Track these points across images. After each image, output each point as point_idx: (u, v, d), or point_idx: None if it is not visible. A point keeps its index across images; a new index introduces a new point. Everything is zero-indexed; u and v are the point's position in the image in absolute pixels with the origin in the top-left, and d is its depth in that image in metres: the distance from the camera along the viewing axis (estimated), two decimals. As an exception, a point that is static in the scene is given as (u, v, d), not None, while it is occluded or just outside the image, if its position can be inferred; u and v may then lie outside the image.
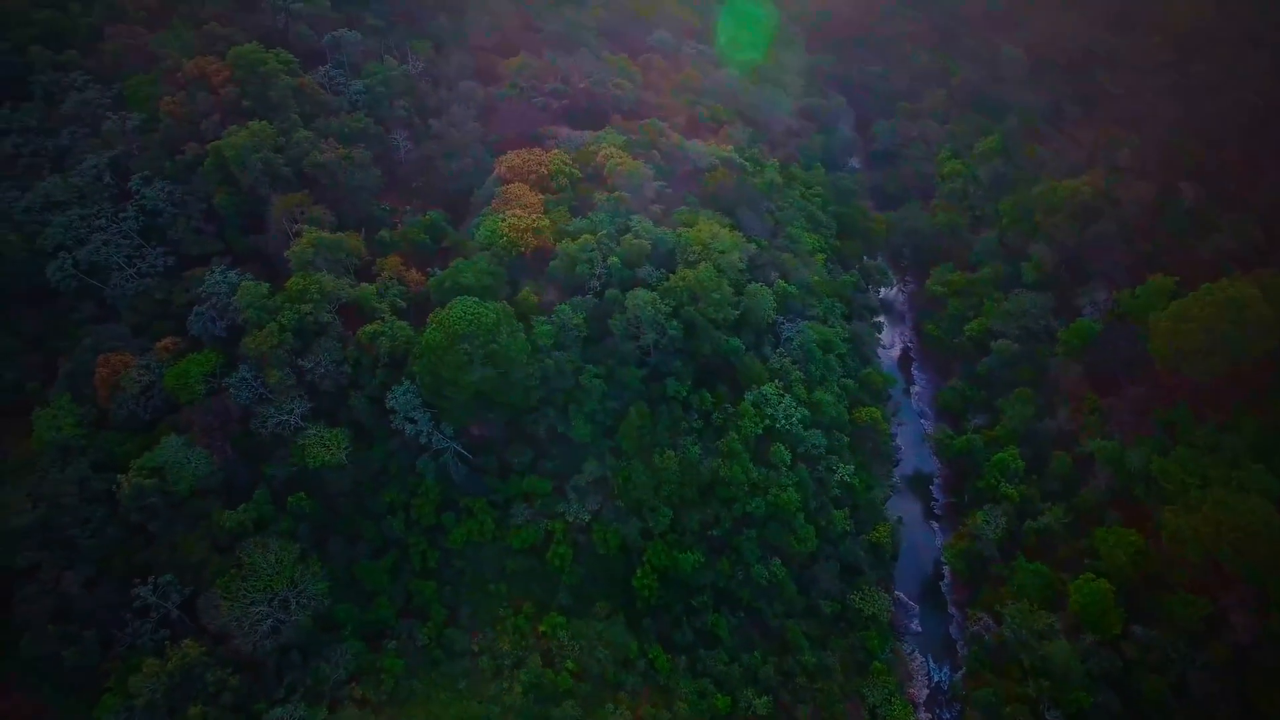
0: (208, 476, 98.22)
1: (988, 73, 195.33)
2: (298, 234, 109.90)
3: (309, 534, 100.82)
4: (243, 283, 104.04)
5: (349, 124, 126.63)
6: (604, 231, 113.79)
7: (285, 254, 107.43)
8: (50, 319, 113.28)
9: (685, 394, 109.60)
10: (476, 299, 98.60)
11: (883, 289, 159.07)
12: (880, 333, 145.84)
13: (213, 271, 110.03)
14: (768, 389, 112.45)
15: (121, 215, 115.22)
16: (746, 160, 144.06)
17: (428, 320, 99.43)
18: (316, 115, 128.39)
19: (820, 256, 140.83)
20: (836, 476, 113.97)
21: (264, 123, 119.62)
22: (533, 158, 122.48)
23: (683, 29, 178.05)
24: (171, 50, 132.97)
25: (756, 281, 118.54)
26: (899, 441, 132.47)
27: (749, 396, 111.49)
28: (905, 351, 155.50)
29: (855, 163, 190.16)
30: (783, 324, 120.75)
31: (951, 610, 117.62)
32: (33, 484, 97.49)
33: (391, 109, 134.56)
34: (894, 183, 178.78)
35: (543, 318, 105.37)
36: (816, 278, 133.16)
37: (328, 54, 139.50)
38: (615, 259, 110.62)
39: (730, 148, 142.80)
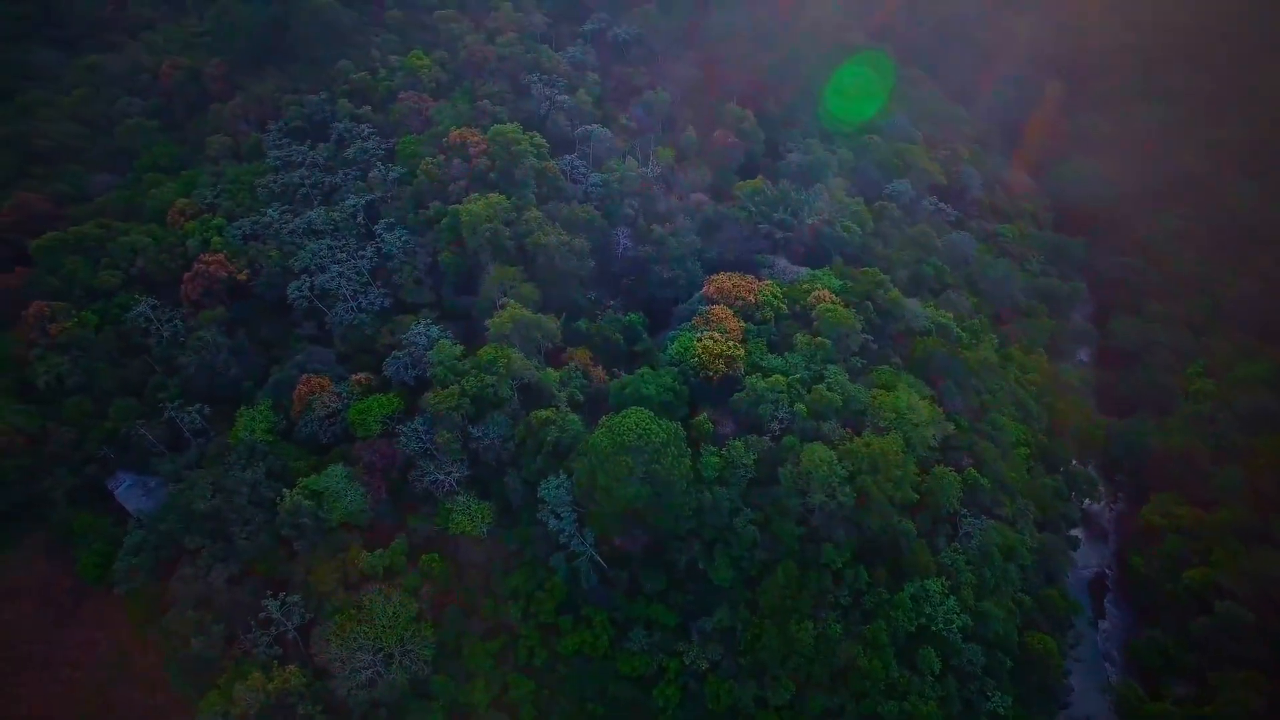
0: (358, 513, 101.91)
1: (1269, 291, 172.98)
2: (503, 306, 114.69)
3: (430, 596, 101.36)
4: (440, 340, 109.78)
5: (578, 213, 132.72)
6: (797, 375, 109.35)
7: (486, 322, 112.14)
8: (279, 330, 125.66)
9: (840, 566, 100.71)
10: (652, 414, 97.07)
11: (1088, 501, 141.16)
12: (1075, 550, 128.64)
13: (419, 322, 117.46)
14: (932, 585, 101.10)
15: (360, 253, 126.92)
16: (963, 330, 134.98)
17: (599, 421, 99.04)
18: (551, 198, 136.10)
19: (1023, 450, 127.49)
20: (990, 704, 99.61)
21: (502, 197, 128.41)
22: (743, 283, 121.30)
23: (927, 183, 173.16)
24: (445, 118, 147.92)
25: (946, 465, 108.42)
26: (1072, 682, 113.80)
27: (909, 587, 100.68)
28: (1101, 578, 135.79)
29: (1084, 356, 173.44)
30: (965, 517, 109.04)
31: None
32: (219, 474, 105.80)
33: (620, 206, 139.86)
34: (1125, 387, 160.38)
35: (713, 448, 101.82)
36: (1014, 474, 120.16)
37: (576, 144, 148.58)
38: (801, 406, 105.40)
39: (949, 315, 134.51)
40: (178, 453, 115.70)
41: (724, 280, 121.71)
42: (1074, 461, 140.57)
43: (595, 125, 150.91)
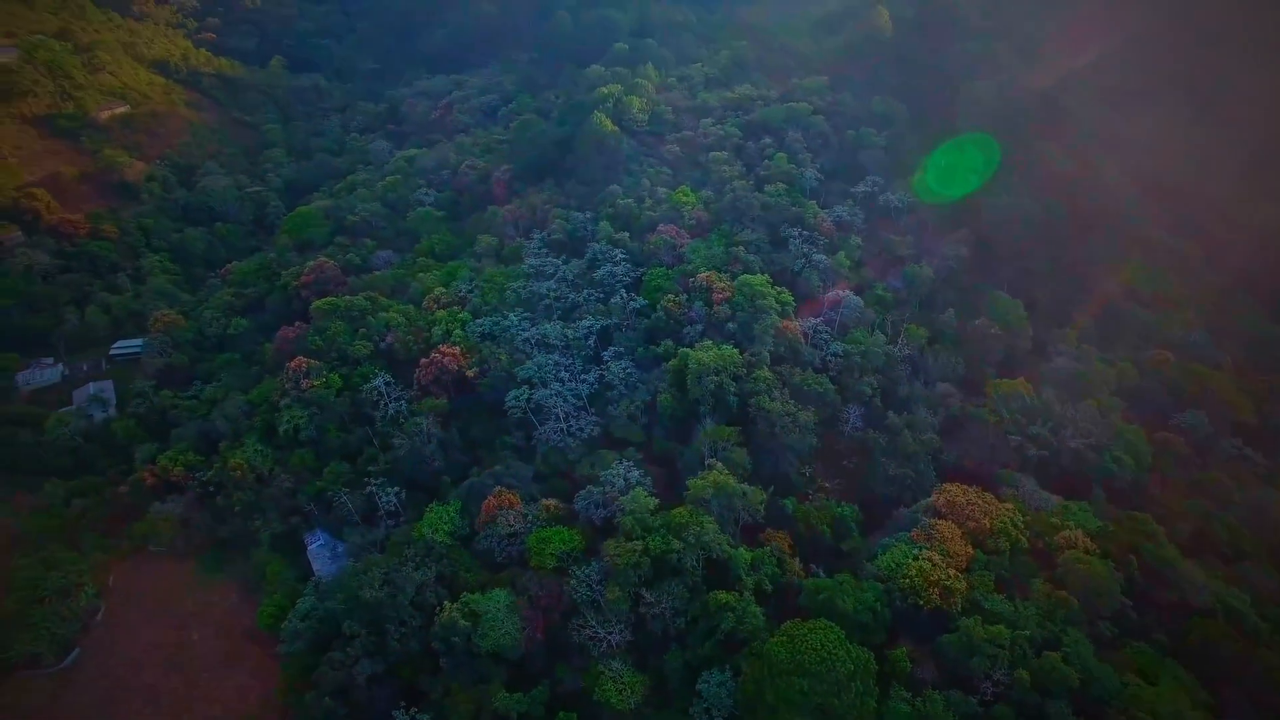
0: (509, 646, 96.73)
1: None
2: (710, 465, 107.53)
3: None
4: (637, 488, 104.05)
5: (810, 381, 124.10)
6: (1026, 631, 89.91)
7: (688, 480, 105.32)
8: (489, 433, 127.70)
9: None
10: (843, 635, 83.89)
11: None
12: None
13: (622, 460, 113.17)
14: None
15: (583, 376, 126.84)
16: (1264, 621, 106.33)
17: (783, 625, 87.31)
18: (786, 360, 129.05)
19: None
20: None
21: (734, 350, 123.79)
22: (980, 501, 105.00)
23: (1230, 419, 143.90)
24: (697, 258, 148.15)
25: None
26: None
27: None
28: None
29: None
30: None
31: None
32: (392, 566, 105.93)
33: (858, 382, 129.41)
34: None
35: (906, 693, 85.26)
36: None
37: (825, 307, 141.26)
38: (1024, 673, 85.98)
39: (1245, 596, 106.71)
40: (369, 526, 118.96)
41: (957, 492, 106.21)
42: None
43: (848, 290, 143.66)
